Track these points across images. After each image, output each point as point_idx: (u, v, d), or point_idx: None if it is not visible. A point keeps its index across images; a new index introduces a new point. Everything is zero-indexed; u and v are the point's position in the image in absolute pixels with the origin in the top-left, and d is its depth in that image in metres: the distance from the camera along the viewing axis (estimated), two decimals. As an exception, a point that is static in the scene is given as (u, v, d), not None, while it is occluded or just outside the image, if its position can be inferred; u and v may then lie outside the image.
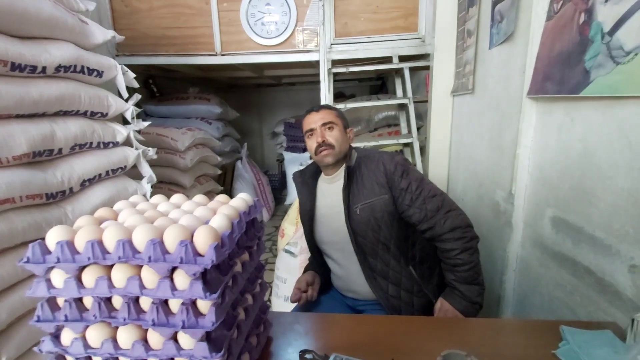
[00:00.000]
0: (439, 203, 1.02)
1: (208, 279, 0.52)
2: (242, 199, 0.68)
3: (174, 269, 0.51)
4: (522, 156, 1.15)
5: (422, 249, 1.10)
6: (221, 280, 0.54)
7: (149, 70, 2.88)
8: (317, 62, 2.23)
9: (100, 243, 0.51)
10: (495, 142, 1.38)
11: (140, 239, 0.51)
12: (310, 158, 1.16)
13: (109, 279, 0.52)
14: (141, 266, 0.52)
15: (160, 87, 3.35)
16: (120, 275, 0.52)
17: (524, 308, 1.20)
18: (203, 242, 0.51)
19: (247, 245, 0.69)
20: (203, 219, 0.58)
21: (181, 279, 0.51)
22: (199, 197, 0.71)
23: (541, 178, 1.09)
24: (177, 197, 0.71)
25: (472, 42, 1.61)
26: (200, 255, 0.51)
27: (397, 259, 1.06)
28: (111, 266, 0.53)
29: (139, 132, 1.57)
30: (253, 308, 0.70)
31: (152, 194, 1.54)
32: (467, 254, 0.99)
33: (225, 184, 3.57)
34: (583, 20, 0.86)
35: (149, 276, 0.51)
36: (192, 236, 0.52)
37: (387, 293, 1.06)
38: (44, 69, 1.12)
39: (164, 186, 2.33)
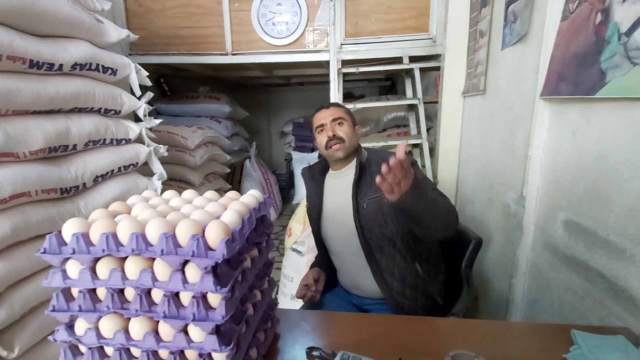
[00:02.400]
0: (440, 192, 1.01)
1: (219, 273, 0.52)
2: (252, 196, 0.69)
3: (185, 262, 0.52)
4: (535, 158, 1.14)
5: (428, 245, 1.11)
6: (231, 275, 0.55)
7: (161, 69, 2.92)
8: (327, 62, 2.23)
9: (114, 235, 0.52)
10: (506, 143, 1.37)
11: (153, 233, 0.51)
12: (319, 157, 1.17)
13: (123, 270, 0.53)
14: (154, 259, 0.53)
15: (171, 86, 3.40)
16: (133, 267, 0.53)
17: (533, 312, 1.18)
18: (214, 236, 0.51)
19: (257, 241, 0.69)
20: (214, 214, 0.59)
21: (192, 272, 0.52)
22: (210, 193, 0.72)
23: (554, 180, 1.07)
24: (188, 193, 0.72)
25: (484, 43, 1.59)
26: (211, 249, 0.51)
27: (403, 255, 1.06)
28: (124, 258, 0.54)
29: (150, 129, 1.59)
30: (261, 304, 0.70)
31: (161, 191, 1.55)
32: (444, 202, 0.95)
33: (234, 182, 3.59)
34: (599, 20, 0.85)
35: (161, 269, 0.52)
36: (204, 231, 0.53)
37: (392, 290, 1.06)
38: (60, 66, 1.14)
39: (174, 183, 2.36)
